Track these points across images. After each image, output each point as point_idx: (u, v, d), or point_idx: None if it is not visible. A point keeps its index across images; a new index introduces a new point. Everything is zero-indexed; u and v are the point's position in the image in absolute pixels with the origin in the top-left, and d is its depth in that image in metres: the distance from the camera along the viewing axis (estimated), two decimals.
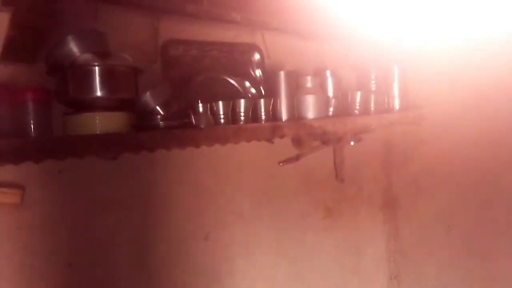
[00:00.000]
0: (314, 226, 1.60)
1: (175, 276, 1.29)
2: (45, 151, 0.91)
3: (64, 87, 1.00)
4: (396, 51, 1.64)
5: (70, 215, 1.12)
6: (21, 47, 0.93)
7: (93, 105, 1.02)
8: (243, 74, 1.39)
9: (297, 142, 1.47)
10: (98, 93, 1.00)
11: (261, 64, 1.42)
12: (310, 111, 1.37)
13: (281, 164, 1.48)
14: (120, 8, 1.12)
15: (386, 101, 1.60)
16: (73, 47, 1.01)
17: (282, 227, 1.51)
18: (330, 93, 1.45)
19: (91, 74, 0.99)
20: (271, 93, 1.34)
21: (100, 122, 1.02)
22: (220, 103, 1.20)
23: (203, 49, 1.33)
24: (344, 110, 1.47)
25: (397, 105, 1.61)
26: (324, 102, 1.41)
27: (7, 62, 0.99)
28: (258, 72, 1.42)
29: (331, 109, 1.44)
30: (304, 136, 1.40)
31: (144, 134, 1.05)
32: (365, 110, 1.50)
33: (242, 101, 1.23)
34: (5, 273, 1.05)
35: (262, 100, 1.28)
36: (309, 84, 1.39)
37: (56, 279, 1.10)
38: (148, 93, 1.11)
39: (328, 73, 1.45)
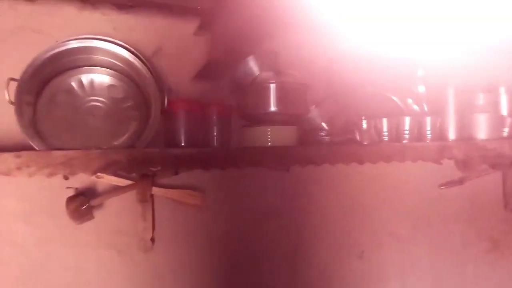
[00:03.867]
0: (476, 258, 1.44)
1: None
2: (229, 160, 1.01)
3: (244, 103, 1.11)
4: None
5: (239, 218, 1.22)
6: (214, 69, 1.06)
7: (267, 119, 1.10)
8: (405, 90, 1.34)
9: (463, 164, 1.36)
10: (273, 108, 1.07)
11: (425, 80, 1.36)
12: (482, 131, 1.25)
13: (442, 187, 1.38)
14: (293, 28, 1.19)
15: None
16: (253, 67, 1.11)
17: (441, 255, 1.40)
18: (504, 111, 1.31)
19: (268, 90, 1.07)
20: (435, 110, 1.27)
21: (272, 135, 1.09)
22: (384, 120, 1.18)
23: (365, 64, 1.33)
24: None
25: None
26: (497, 121, 1.28)
27: (200, 80, 1.14)
28: (421, 88, 1.36)
29: (505, 129, 1.29)
30: (473, 158, 1.28)
31: (312, 149, 1.08)
32: None
33: (407, 119, 1.19)
34: (184, 269, 1.19)
35: (428, 118, 1.21)
36: (481, 102, 1.28)
37: (224, 278, 1.21)
38: (315, 109, 1.15)
39: (502, 90, 1.32)
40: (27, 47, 1.01)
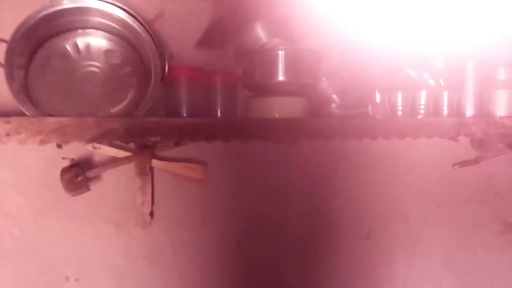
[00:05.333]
0: (489, 241, 1.39)
1: (334, 271, 1.25)
2: (234, 132, 0.95)
3: (250, 71, 1.04)
4: None
5: (243, 194, 1.17)
6: (218, 34, 0.98)
7: (275, 90, 1.03)
8: (421, 63, 1.26)
9: (479, 143, 1.29)
10: (281, 78, 1.00)
11: (442, 53, 1.28)
12: (502, 108, 1.18)
13: (456, 166, 1.32)
14: None
15: None
16: (261, 33, 1.04)
17: (451, 237, 1.34)
18: None
19: (276, 58, 1.00)
20: (453, 85, 1.19)
21: (279, 107, 1.02)
22: (399, 93, 1.11)
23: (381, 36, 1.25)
24: None
25: None
26: None
27: (203, 47, 1.07)
28: (438, 61, 1.28)
29: None
30: (491, 136, 1.21)
31: (322, 121, 1.02)
32: None
33: (423, 93, 1.13)
34: (184, 245, 1.14)
35: (445, 93, 1.14)
36: (501, 77, 1.21)
37: (226, 256, 1.17)
38: (326, 80, 1.08)
39: None
40: (20, 8, 0.93)
